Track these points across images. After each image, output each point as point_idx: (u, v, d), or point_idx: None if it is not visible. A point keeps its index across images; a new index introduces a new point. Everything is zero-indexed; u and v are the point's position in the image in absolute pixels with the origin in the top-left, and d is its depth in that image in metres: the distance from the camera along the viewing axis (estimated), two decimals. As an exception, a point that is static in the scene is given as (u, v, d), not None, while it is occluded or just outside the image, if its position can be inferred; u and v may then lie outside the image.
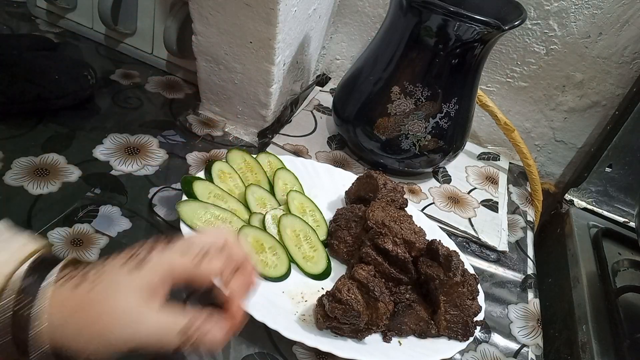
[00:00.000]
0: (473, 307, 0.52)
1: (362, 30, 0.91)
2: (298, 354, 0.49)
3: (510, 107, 0.89)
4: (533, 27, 0.80)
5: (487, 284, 0.64)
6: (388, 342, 0.50)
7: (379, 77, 0.68)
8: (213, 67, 0.71)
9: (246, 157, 0.63)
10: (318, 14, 0.77)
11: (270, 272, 0.52)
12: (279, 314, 0.49)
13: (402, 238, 0.53)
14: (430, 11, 0.60)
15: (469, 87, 0.68)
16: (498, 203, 0.77)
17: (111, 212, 0.57)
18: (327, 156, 0.76)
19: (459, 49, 0.63)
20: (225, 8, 0.63)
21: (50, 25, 0.86)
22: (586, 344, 0.60)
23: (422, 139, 0.69)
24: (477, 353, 0.55)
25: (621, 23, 0.76)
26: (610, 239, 0.77)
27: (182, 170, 0.65)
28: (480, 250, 0.69)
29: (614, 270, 0.71)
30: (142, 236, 0.55)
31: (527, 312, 0.62)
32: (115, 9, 0.78)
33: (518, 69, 0.85)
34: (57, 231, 0.52)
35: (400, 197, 0.62)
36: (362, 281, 0.49)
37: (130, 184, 0.61)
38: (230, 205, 0.57)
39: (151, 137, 0.68)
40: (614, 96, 0.82)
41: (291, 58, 0.73)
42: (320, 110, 0.85)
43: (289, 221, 0.56)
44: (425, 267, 0.52)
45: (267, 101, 0.72)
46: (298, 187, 0.63)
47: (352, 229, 0.58)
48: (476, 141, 0.93)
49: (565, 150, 0.91)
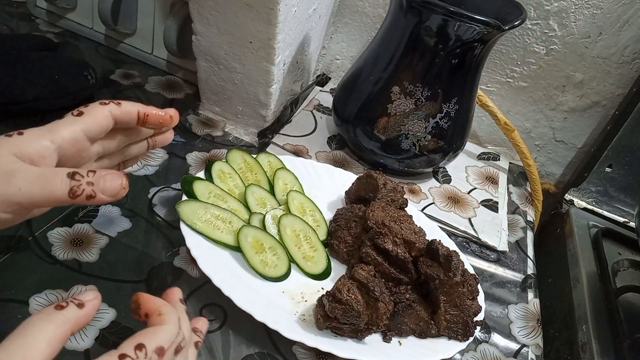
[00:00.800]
0: (473, 307, 0.52)
1: (362, 30, 0.91)
2: (298, 354, 0.49)
3: (510, 107, 0.89)
4: (533, 27, 0.80)
5: (487, 284, 0.64)
6: (388, 342, 0.50)
7: (379, 77, 0.68)
8: (213, 67, 0.71)
9: (246, 157, 0.63)
10: (318, 14, 0.77)
11: (270, 272, 0.52)
12: (279, 314, 0.49)
13: (402, 238, 0.53)
14: (430, 11, 0.60)
15: (469, 87, 0.68)
16: (498, 203, 0.77)
17: (111, 212, 0.57)
18: (327, 156, 0.76)
19: (459, 49, 0.63)
20: (225, 8, 0.63)
21: (50, 25, 0.86)
22: (586, 344, 0.60)
23: (422, 139, 0.69)
24: (477, 353, 0.55)
25: (621, 23, 0.76)
26: (610, 239, 0.77)
27: (182, 170, 0.65)
28: (480, 250, 0.69)
29: (614, 270, 0.71)
30: (142, 236, 0.55)
31: (527, 312, 0.62)
32: (115, 9, 0.78)
33: (518, 69, 0.85)
34: (57, 231, 0.52)
35: (400, 197, 0.62)
36: (362, 281, 0.49)
37: (130, 183, 0.61)
38: (230, 205, 0.57)
39: (151, 137, 0.68)
40: (614, 96, 0.82)
41: (291, 58, 0.73)
42: (320, 110, 0.85)
43: (289, 221, 0.56)
44: (425, 267, 0.52)
45: (267, 101, 0.72)
46: (298, 187, 0.63)
47: (352, 229, 0.58)
48: (476, 141, 0.93)
49: (565, 150, 0.91)
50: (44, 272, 0.48)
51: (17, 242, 0.50)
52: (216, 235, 0.53)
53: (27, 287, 0.46)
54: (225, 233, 0.53)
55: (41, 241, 0.51)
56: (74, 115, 0.36)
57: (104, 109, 0.37)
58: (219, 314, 0.50)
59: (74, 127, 0.35)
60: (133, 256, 0.53)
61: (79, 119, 0.36)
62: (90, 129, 0.36)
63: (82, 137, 0.36)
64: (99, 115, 0.36)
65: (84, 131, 0.36)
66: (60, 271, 0.49)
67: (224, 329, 0.49)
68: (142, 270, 0.51)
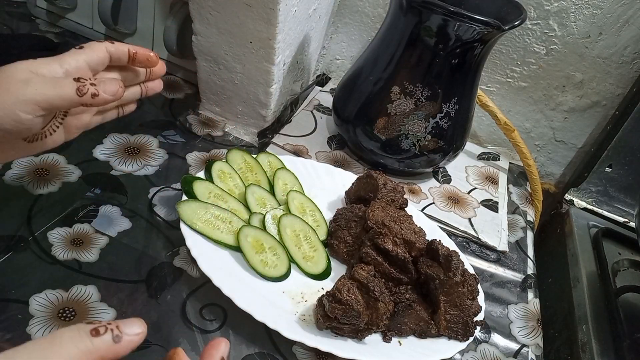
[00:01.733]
0: (473, 307, 0.52)
1: (362, 30, 0.91)
2: (298, 354, 0.49)
3: (510, 107, 0.89)
4: (533, 27, 0.80)
5: (487, 284, 0.64)
6: (388, 342, 0.50)
7: (379, 77, 0.68)
8: (213, 67, 0.71)
9: (246, 157, 0.63)
10: (318, 14, 0.77)
11: (270, 272, 0.52)
12: (279, 314, 0.49)
13: (402, 238, 0.53)
14: (430, 11, 0.60)
15: (469, 87, 0.68)
16: (498, 203, 0.77)
17: (111, 212, 0.57)
18: (327, 156, 0.76)
19: (459, 49, 0.63)
20: (225, 8, 0.63)
21: (50, 25, 0.86)
22: (586, 344, 0.60)
23: (422, 139, 0.69)
24: (477, 353, 0.55)
25: (621, 23, 0.76)
26: (610, 239, 0.77)
27: (182, 170, 0.65)
28: (480, 250, 0.69)
29: (614, 270, 0.71)
30: (142, 236, 0.55)
31: (527, 312, 0.62)
32: (115, 9, 0.77)
33: (518, 69, 0.85)
34: (57, 231, 0.52)
35: (400, 197, 0.62)
36: (362, 281, 0.49)
37: (130, 183, 0.61)
38: (230, 205, 0.57)
39: (151, 137, 0.68)
40: (614, 96, 0.82)
41: (291, 58, 0.73)
42: (320, 110, 0.85)
43: (289, 221, 0.56)
44: (425, 267, 0.52)
45: (267, 101, 0.72)
46: (298, 187, 0.63)
47: (352, 229, 0.58)
48: (476, 141, 0.93)
49: (565, 150, 0.91)
50: (44, 272, 0.48)
51: (17, 242, 0.50)
52: (216, 235, 0.53)
53: (27, 287, 0.46)
54: (225, 233, 0.53)
55: (41, 241, 0.51)
56: (76, 49, 0.42)
57: (101, 45, 0.43)
58: (219, 314, 0.50)
59: (78, 57, 0.42)
60: (133, 256, 0.53)
61: (81, 51, 0.42)
62: (91, 59, 0.42)
63: (85, 66, 0.42)
64: (97, 49, 0.43)
65: (86, 61, 0.42)
66: (60, 271, 0.49)
67: (224, 329, 0.49)
68: (142, 270, 0.51)
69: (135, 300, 0.48)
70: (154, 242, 0.55)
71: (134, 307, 0.48)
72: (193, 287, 0.52)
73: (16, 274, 0.47)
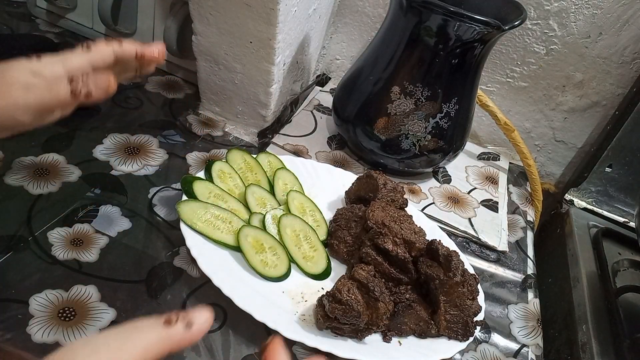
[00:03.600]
0: (473, 307, 0.52)
1: (362, 30, 0.91)
2: (298, 354, 0.49)
3: (510, 107, 0.89)
4: (533, 27, 0.80)
5: (487, 284, 0.64)
6: (388, 342, 0.50)
7: (379, 77, 0.68)
8: (213, 67, 0.71)
9: (246, 157, 0.63)
10: (318, 14, 0.77)
11: (270, 272, 0.52)
12: (279, 314, 0.49)
13: (402, 238, 0.53)
14: (430, 11, 0.60)
15: (469, 87, 0.68)
16: (498, 203, 0.77)
17: (111, 212, 0.57)
18: (327, 156, 0.76)
19: (459, 49, 0.63)
20: (225, 8, 0.63)
21: (50, 25, 0.86)
22: (586, 344, 0.60)
23: (422, 139, 0.69)
24: (477, 353, 0.55)
25: (621, 23, 0.76)
26: (610, 239, 0.77)
27: (182, 170, 0.65)
28: (480, 250, 0.69)
29: (614, 270, 0.71)
30: (142, 236, 0.55)
31: (527, 312, 0.62)
32: (115, 9, 0.77)
33: (518, 69, 0.85)
34: (57, 231, 0.52)
35: (400, 197, 0.62)
36: (362, 281, 0.49)
37: (130, 184, 0.61)
38: (230, 205, 0.57)
39: (151, 137, 0.68)
40: (614, 96, 0.82)
41: (291, 58, 0.73)
42: (320, 110, 0.85)
43: (289, 221, 0.56)
44: (425, 267, 0.52)
45: (267, 101, 0.72)
46: (298, 187, 0.63)
47: (352, 229, 0.58)
48: (476, 141, 0.93)
49: (565, 150, 0.91)
50: (44, 272, 0.48)
51: (17, 242, 0.50)
52: (216, 235, 0.53)
53: (27, 287, 0.46)
54: (225, 233, 0.53)
55: (41, 241, 0.51)
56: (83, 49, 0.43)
57: (108, 47, 0.44)
58: (219, 314, 0.50)
59: (83, 58, 0.42)
60: (133, 256, 0.53)
61: (86, 52, 0.43)
62: (95, 61, 0.43)
63: (88, 67, 0.42)
64: (104, 51, 0.43)
65: (90, 62, 0.42)
66: (60, 271, 0.49)
67: (224, 329, 0.49)
68: (142, 270, 0.51)
69: (135, 300, 0.48)
70: (154, 242, 0.55)
71: (134, 307, 0.48)
72: (193, 287, 0.52)
73: (16, 274, 0.47)
